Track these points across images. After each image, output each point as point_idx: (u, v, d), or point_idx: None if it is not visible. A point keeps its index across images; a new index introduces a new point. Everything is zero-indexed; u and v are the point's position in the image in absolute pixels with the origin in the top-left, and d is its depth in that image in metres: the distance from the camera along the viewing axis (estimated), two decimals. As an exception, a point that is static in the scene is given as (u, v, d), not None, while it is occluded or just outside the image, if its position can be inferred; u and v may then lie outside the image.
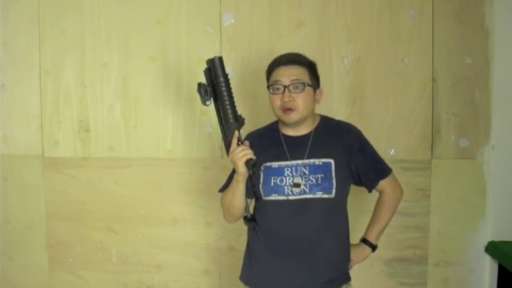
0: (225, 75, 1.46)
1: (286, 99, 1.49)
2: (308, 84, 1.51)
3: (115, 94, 2.21)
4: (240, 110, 1.55)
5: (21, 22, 2.23)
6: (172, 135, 2.20)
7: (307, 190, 1.50)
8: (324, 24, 2.10)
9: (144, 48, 2.18)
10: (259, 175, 1.55)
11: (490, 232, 2.07)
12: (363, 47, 2.09)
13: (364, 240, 1.63)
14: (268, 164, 1.55)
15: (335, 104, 2.09)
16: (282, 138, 1.57)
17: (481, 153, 2.07)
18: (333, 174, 1.50)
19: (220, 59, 1.46)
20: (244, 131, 1.59)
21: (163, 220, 2.21)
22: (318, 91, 1.57)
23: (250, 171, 1.45)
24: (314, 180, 1.50)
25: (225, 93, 1.46)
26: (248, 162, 1.45)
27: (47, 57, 2.23)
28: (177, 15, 2.17)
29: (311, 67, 1.55)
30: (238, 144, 1.47)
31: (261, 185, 1.55)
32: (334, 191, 1.50)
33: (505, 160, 2.04)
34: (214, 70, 1.46)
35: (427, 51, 2.06)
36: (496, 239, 2.05)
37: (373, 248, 1.64)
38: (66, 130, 2.24)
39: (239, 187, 1.52)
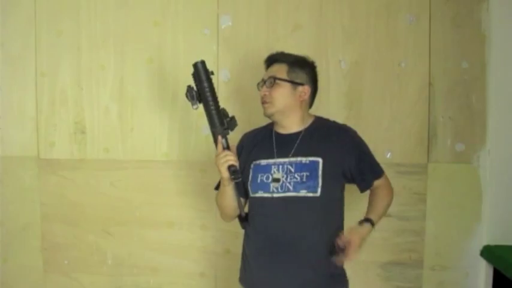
0: (209, 80, 1.49)
1: (261, 94, 1.59)
2: (281, 79, 1.56)
3: (111, 96, 2.20)
4: (236, 112, 1.57)
5: (18, 23, 2.22)
6: (169, 138, 2.20)
7: (291, 188, 1.51)
8: (321, 27, 2.10)
9: (141, 51, 2.18)
10: (249, 173, 1.59)
11: (486, 236, 2.08)
12: (360, 51, 2.09)
13: (363, 220, 1.53)
14: (258, 161, 1.59)
15: (332, 108, 2.09)
16: (273, 137, 1.61)
17: (477, 157, 2.08)
18: (320, 172, 1.51)
19: (203, 63, 1.50)
20: (240, 133, 1.59)
21: (159, 223, 2.20)
22: (301, 88, 1.58)
23: (232, 177, 1.49)
24: (299, 178, 1.51)
25: (209, 98, 1.50)
26: (229, 169, 1.48)
27: (43, 59, 2.22)
28: (175, 18, 2.16)
29: (293, 63, 1.59)
30: (224, 149, 1.51)
31: (249, 182, 1.59)
32: (319, 189, 1.49)
33: (501, 164, 2.05)
34: (198, 75, 1.49)
35: (424, 55, 2.07)
36: (492, 243, 2.06)
37: (373, 224, 1.53)
38: (62, 132, 2.23)
39: (226, 190, 1.56)
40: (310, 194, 1.50)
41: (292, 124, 1.59)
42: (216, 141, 1.53)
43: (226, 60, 2.15)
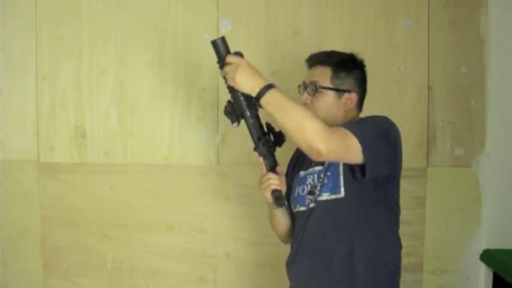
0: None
1: (302, 101, 1.43)
2: (324, 87, 1.40)
3: (112, 100, 2.21)
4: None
5: (19, 27, 2.23)
6: (169, 142, 2.20)
7: (317, 193, 1.37)
8: (320, 32, 2.11)
9: (141, 54, 2.18)
10: (292, 187, 1.48)
11: (485, 240, 2.08)
12: (359, 55, 2.09)
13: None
14: (298, 173, 1.48)
15: (331, 112, 2.09)
16: None
17: (476, 161, 2.08)
18: (340, 170, 1.33)
19: (223, 39, 1.29)
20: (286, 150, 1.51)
21: (159, 226, 2.20)
22: (347, 95, 1.42)
23: (274, 204, 1.37)
24: (326, 180, 1.36)
25: (244, 106, 1.29)
26: (273, 194, 1.36)
27: (43, 63, 2.22)
28: (175, 22, 2.17)
29: (337, 67, 1.42)
30: (267, 171, 1.38)
31: (290, 198, 1.47)
32: (342, 189, 1.32)
33: (500, 168, 2.05)
34: (220, 56, 1.28)
35: (422, 59, 2.07)
36: (491, 247, 2.05)
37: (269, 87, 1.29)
38: (62, 135, 2.23)
39: (275, 213, 1.47)
40: (333, 196, 1.32)
41: None
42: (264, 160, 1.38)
43: (226, 65, 2.15)
